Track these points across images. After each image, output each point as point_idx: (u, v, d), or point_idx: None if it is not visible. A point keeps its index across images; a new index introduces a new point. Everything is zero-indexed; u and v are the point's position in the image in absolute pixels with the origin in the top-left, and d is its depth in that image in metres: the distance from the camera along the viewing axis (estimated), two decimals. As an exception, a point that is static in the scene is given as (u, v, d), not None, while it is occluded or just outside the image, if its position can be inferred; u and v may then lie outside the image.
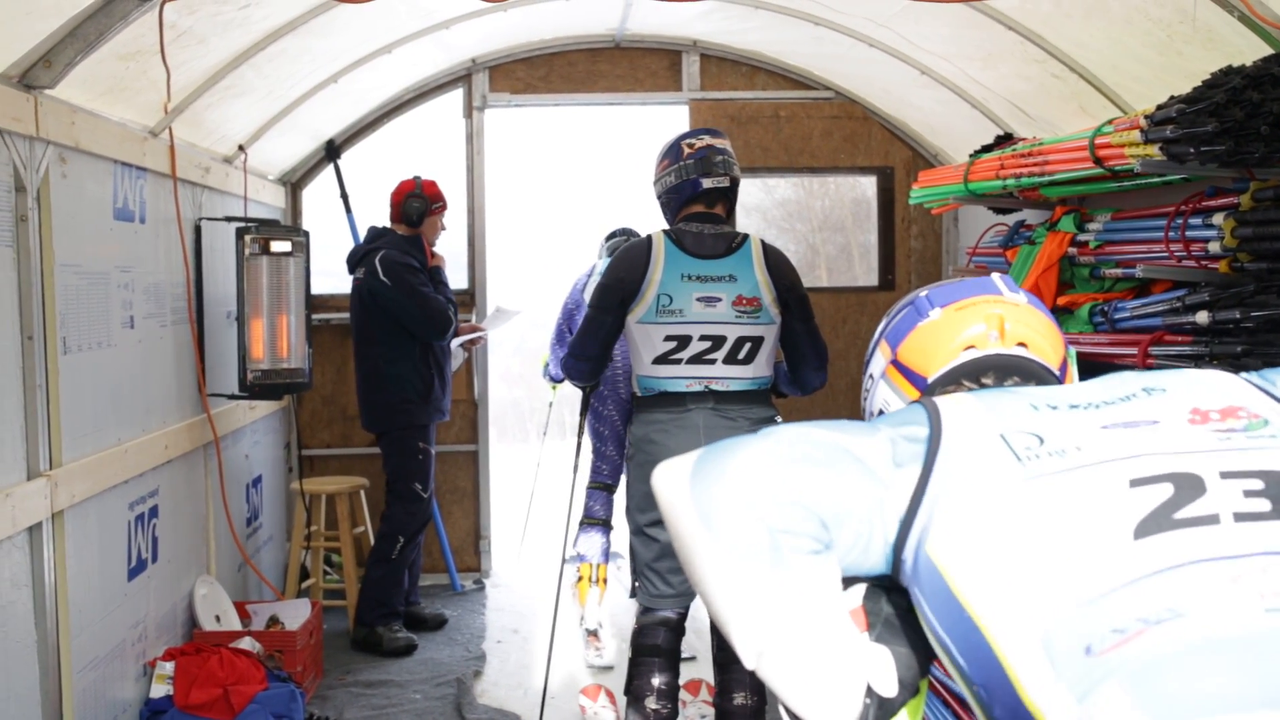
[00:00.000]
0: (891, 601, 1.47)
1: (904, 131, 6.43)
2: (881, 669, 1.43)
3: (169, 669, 3.96)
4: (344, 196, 6.21)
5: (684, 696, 4.57)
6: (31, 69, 3.19)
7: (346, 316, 5.56)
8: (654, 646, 3.70)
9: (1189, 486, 1.30)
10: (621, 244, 5.02)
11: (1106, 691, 1.15)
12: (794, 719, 1.38)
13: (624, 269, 3.66)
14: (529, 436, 8.12)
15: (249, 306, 4.80)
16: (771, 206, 8.26)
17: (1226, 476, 1.30)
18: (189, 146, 4.55)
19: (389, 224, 5.48)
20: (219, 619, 4.61)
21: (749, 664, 1.35)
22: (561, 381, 5.28)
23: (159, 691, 3.93)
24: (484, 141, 6.47)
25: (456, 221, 6.04)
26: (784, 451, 1.40)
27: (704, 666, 4.56)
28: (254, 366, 4.83)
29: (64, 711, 3.32)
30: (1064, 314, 3.96)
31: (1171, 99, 3.15)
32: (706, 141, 3.73)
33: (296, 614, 4.83)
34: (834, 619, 1.36)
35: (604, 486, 5.29)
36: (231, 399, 4.91)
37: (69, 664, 3.36)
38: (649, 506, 3.62)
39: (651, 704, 3.66)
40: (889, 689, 1.42)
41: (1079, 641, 1.20)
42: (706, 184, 3.67)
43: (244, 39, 4.18)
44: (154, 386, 4.18)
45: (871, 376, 1.79)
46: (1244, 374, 1.49)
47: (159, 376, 4.23)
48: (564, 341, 5.34)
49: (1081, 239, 4.00)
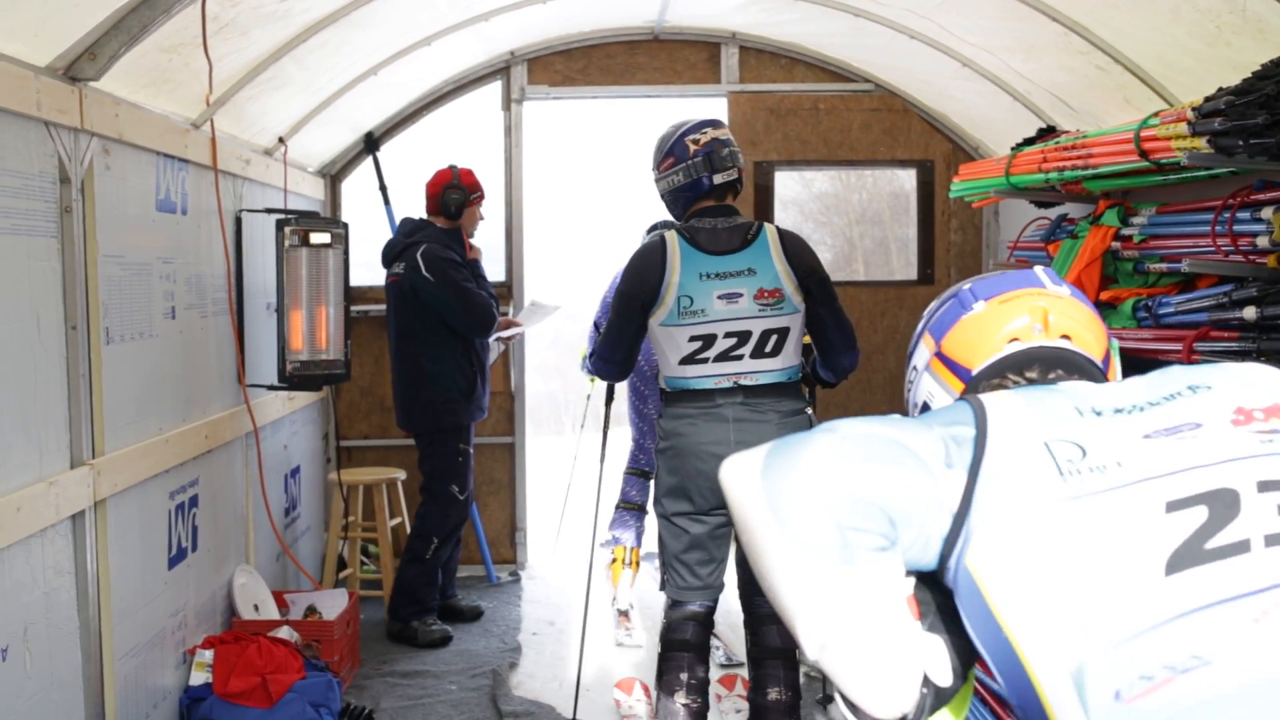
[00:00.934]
0: (940, 592, 1.47)
1: (944, 124, 6.37)
2: (937, 658, 1.45)
3: (208, 657, 4.00)
4: (383, 189, 6.24)
5: (719, 691, 4.59)
6: (76, 61, 3.22)
7: (384, 308, 5.53)
8: (683, 641, 3.71)
9: (1223, 507, 1.30)
10: None
11: None
12: (851, 708, 1.40)
13: (641, 274, 3.64)
14: (564, 429, 8.14)
15: (288, 298, 4.82)
16: (809, 200, 8.21)
17: (1264, 488, 1.31)
18: (230, 138, 4.58)
19: (425, 216, 5.44)
20: (257, 608, 4.65)
21: (811, 655, 1.37)
22: None
23: (198, 679, 3.97)
24: (522, 134, 6.47)
25: (494, 214, 6.04)
26: (850, 447, 1.41)
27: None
28: (293, 357, 4.85)
29: (105, 698, 3.36)
30: (1107, 309, 3.91)
31: (1220, 91, 3.10)
32: (710, 135, 3.71)
33: (334, 604, 4.86)
34: (897, 612, 1.37)
35: (641, 473, 5.47)
36: (270, 390, 4.94)
37: (110, 651, 3.39)
38: (678, 497, 3.65)
39: (682, 698, 3.67)
40: (945, 678, 1.44)
41: (1109, 685, 1.21)
42: (718, 180, 3.67)
43: (285, 31, 4.20)
44: (195, 377, 4.21)
45: (915, 369, 1.79)
46: None
47: (199, 367, 4.27)
48: None
49: (1125, 233, 3.94)
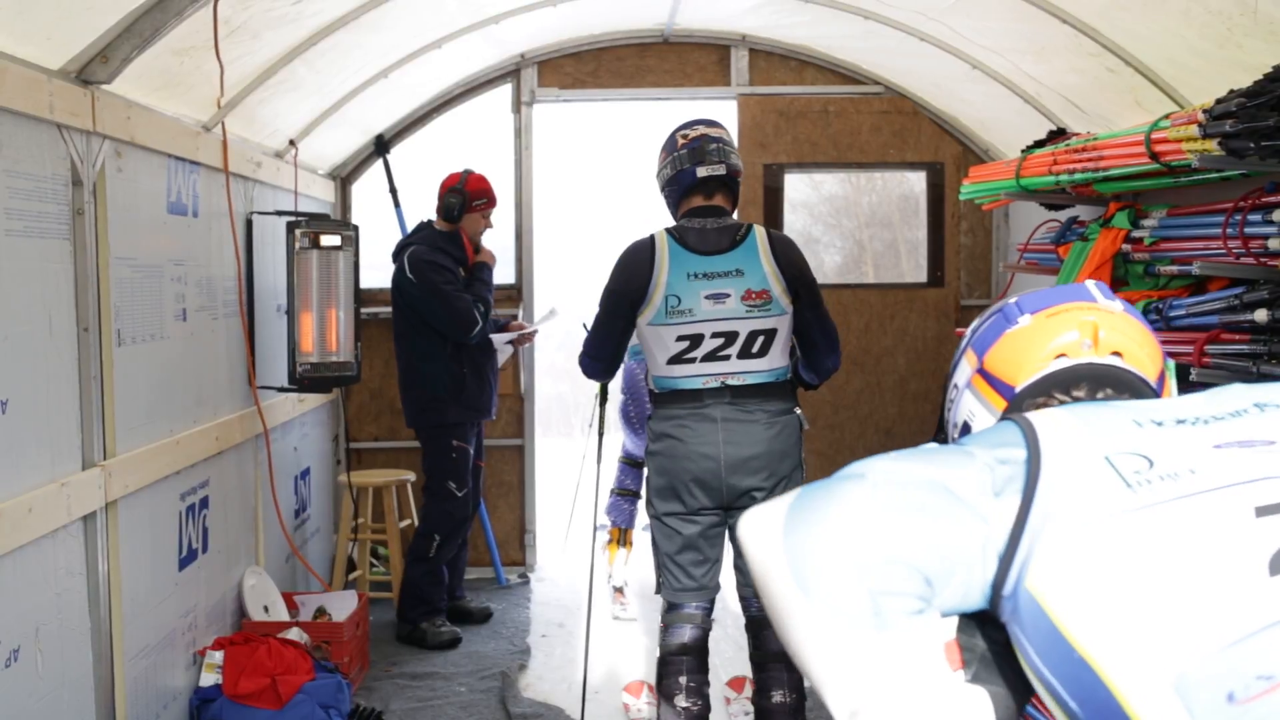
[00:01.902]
0: (986, 635, 1.38)
1: (954, 127, 6.37)
2: (979, 713, 1.35)
3: (218, 658, 4.01)
4: (393, 191, 6.25)
5: (728, 694, 4.63)
6: (89, 64, 3.23)
7: (394, 315, 5.57)
8: (681, 645, 3.70)
9: None
10: None
11: None
12: None
13: (629, 272, 3.64)
14: (574, 431, 8.15)
15: (299, 300, 4.84)
16: (819, 202, 8.21)
17: None
18: (241, 141, 4.59)
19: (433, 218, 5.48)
20: (267, 609, 4.66)
21: None
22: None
23: (208, 680, 3.98)
24: (532, 136, 6.48)
25: (504, 217, 6.05)
26: (882, 499, 1.31)
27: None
28: (303, 359, 4.87)
29: (116, 698, 3.37)
30: (1118, 312, 3.89)
31: (1231, 93, 3.09)
32: (701, 131, 3.70)
33: (343, 605, 4.87)
34: (934, 677, 1.29)
35: (636, 463, 5.82)
36: (281, 391, 4.96)
37: (121, 652, 3.40)
38: (668, 498, 3.64)
39: (681, 702, 3.66)
40: None
41: (1220, 688, 1.13)
42: (701, 172, 3.63)
43: (296, 34, 4.21)
44: (205, 378, 4.23)
45: (956, 386, 1.69)
46: None
47: (210, 369, 4.28)
48: None
49: (1136, 235, 3.93)
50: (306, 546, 5.59)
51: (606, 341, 3.76)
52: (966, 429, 1.65)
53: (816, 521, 1.31)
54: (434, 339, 5.30)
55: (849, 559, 1.27)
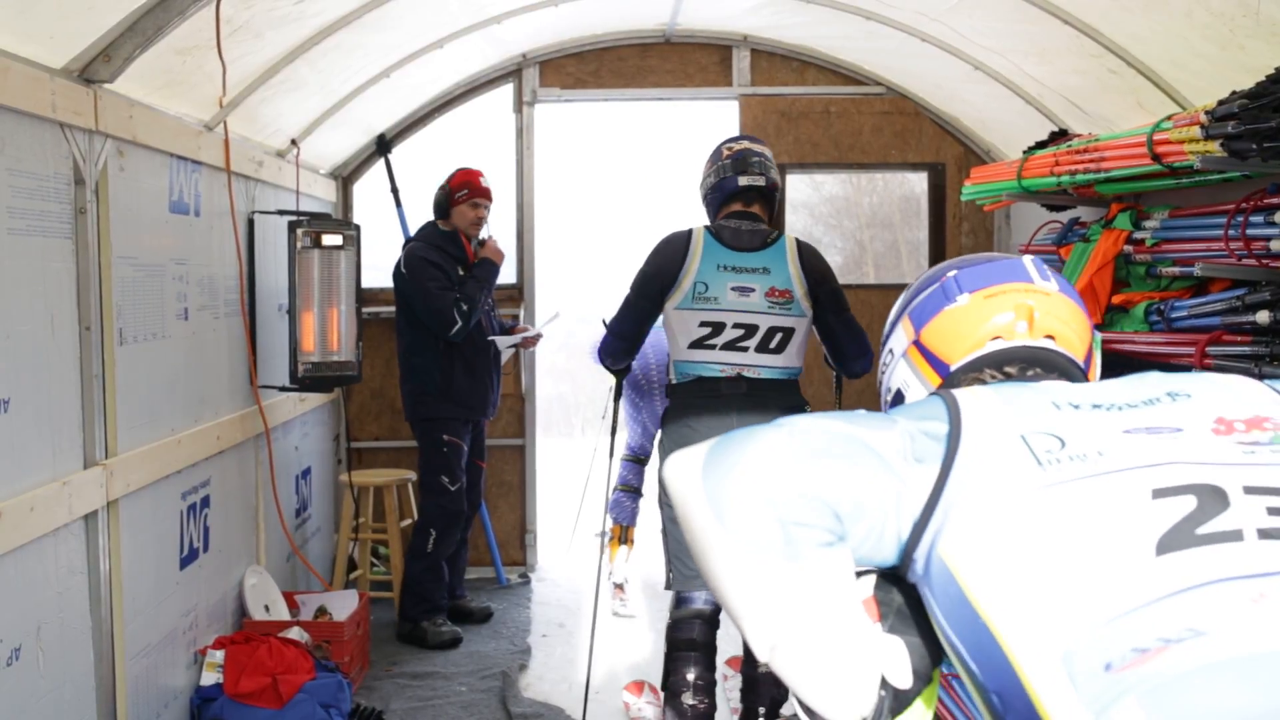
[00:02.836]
0: (903, 591, 1.44)
1: (955, 127, 6.37)
2: (896, 660, 1.41)
3: (219, 657, 4.01)
4: (394, 191, 6.25)
5: (726, 671, 4.68)
6: (91, 63, 3.23)
7: (395, 310, 5.61)
8: (689, 641, 3.78)
9: (1212, 499, 1.27)
10: None
11: (1124, 708, 1.14)
12: (809, 713, 1.36)
13: (664, 258, 3.85)
14: (575, 431, 8.16)
15: (300, 299, 4.84)
16: (819, 203, 8.21)
17: (1250, 492, 1.28)
18: (243, 140, 4.59)
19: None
20: (268, 609, 4.66)
21: (762, 657, 1.34)
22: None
23: (209, 679, 3.98)
24: (534, 137, 6.48)
25: (505, 217, 6.06)
26: (797, 443, 1.37)
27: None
28: (304, 359, 4.87)
29: (117, 697, 3.37)
30: (1119, 313, 3.90)
31: (1233, 94, 3.09)
32: (744, 145, 3.96)
33: (344, 605, 4.87)
34: (848, 611, 1.34)
35: (639, 460, 5.94)
36: (282, 391, 4.96)
37: (122, 650, 3.40)
38: None
39: (688, 699, 3.73)
40: (904, 680, 1.40)
41: (1099, 658, 1.18)
42: (743, 181, 3.85)
43: (298, 34, 4.22)
44: (207, 378, 4.23)
45: (891, 352, 1.75)
46: (1269, 382, 1.46)
47: (212, 368, 4.28)
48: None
49: (1138, 236, 3.93)
50: (307, 546, 5.59)
51: (631, 320, 3.92)
52: (900, 398, 1.71)
53: (735, 459, 1.36)
54: (426, 334, 5.33)
55: (761, 491, 1.32)
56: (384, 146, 6.31)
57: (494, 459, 6.41)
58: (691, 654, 3.77)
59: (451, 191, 5.40)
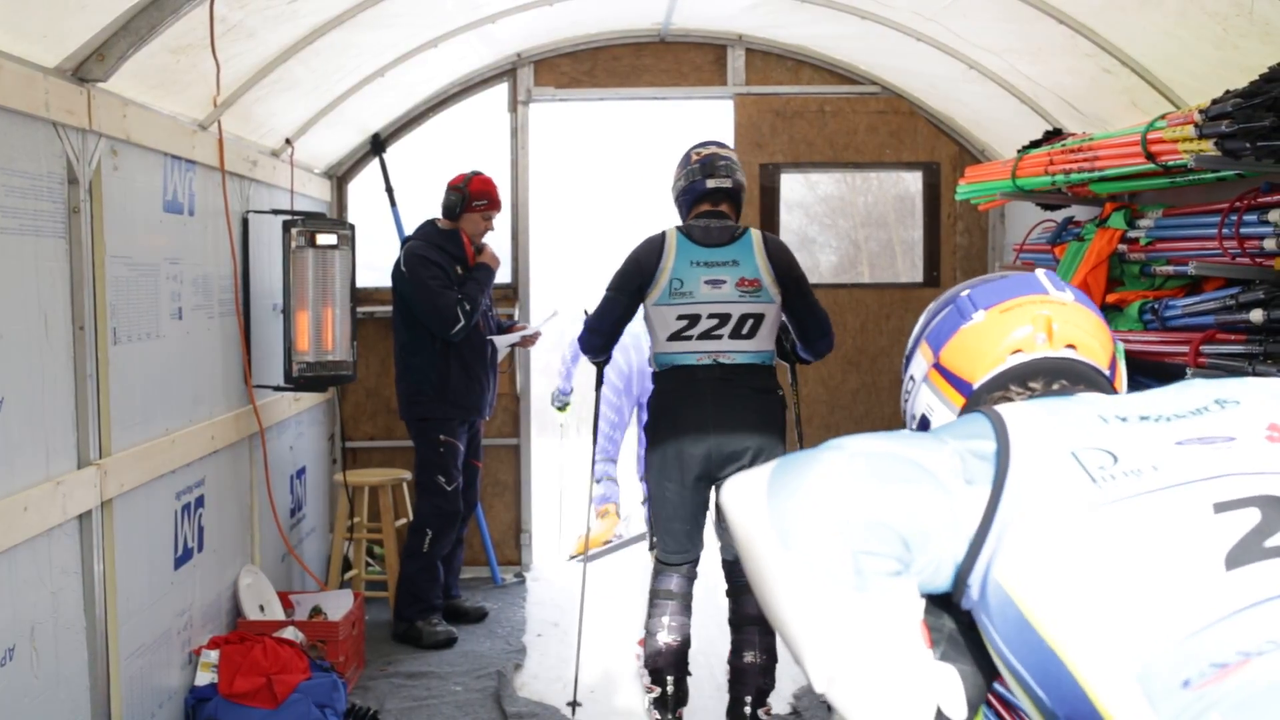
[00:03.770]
0: (953, 617, 1.41)
1: (950, 127, 6.37)
2: (951, 691, 1.38)
3: (213, 657, 4.00)
4: (389, 190, 6.24)
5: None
6: (85, 62, 3.23)
7: (390, 310, 5.61)
8: (668, 591, 4.17)
9: (1276, 510, 1.25)
10: None
11: None
12: None
13: (641, 257, 4.17)
14: (569, 431, 8.17)
15: (294, 299, 4.83)
16: (814, 202, 8.20)
17: None
18: (237, 140, 4.59)
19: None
20: (263, 608, 4.65)
21: (819, 688, 1.30)
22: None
23: (204, 679, 3.97)
24: (528, 136, 6.47)
25: (501, 216, 6.04)
26: (862, 466, 1.34)
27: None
28: (299, 359, 4.86)
29: (111, 698, 3.36)
30: (1113, 312, 3.90)
31: (1227, 93, 3.09)
32: (712, 150, 4.25)
33: (339, 605, 4.86)
34: (910, 643, 1.31)
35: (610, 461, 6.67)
36: (277, 391, 4.95)
37: (116, 651, 3.40)
38: (663, 469, 4.12)
39: (664, 637, 4.12)
40: (959, 712, 1.37)
41: (1177, 676, 1.16)
42: (710, 184, 4.17)
43: (292, 33, 4.21)
44: (201, 377, 4.22)
45: (913, 379, 1.72)
46: None
47: (206, 367, 4.28)
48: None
49: (1132, 235, 3.94)
50: (302, 546, 5.59)
51: (609, 317, 4.22)
52: (925, 423, 1.68)
53: (799, 484, 1.33)
54: (423, 333, 5.32)
55: (831, 519, 1.29)
56: (378, 146, 6.30)
57: (489, 459, 6.40)
58: (669, 602, 4.14)
59: (470, 198, 5.37)
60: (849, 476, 1.33)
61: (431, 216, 5.52)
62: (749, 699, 4.15)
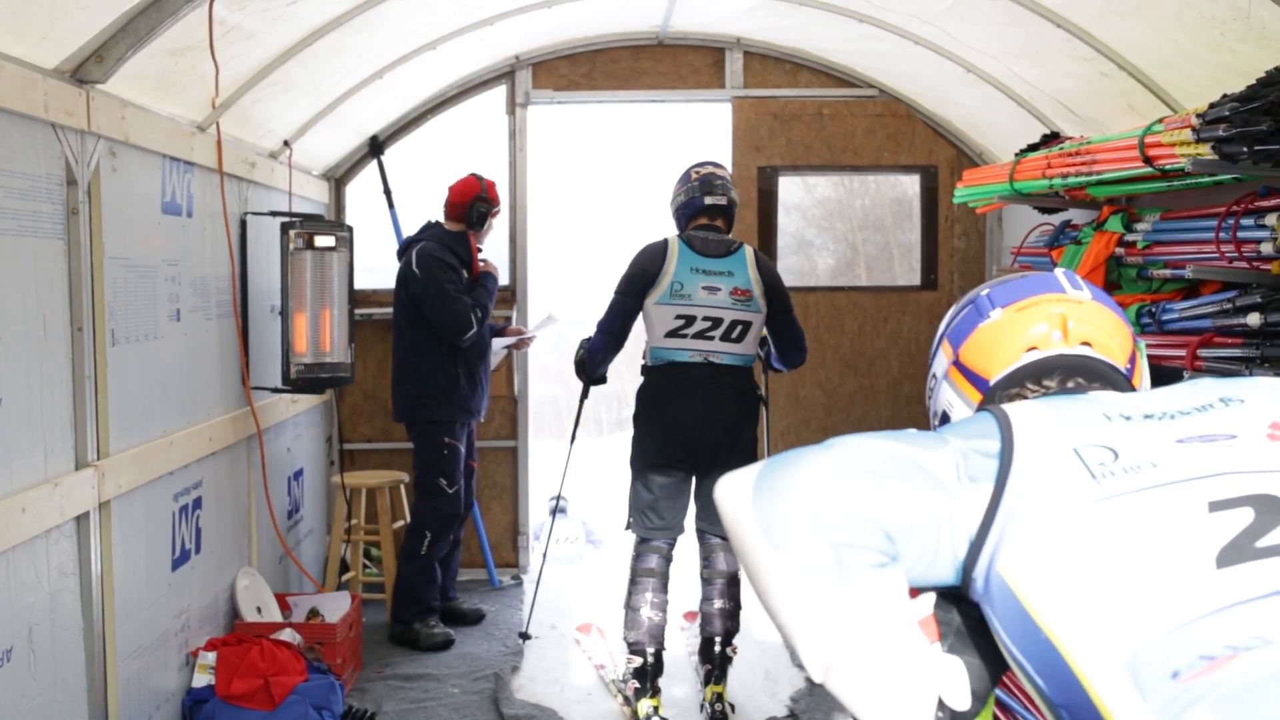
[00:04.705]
0: (963, 612, 1.44)
1: (948, 130, 6.38)
2: (954, 681, 1.41)
3: (211, 659, 4.00)
4: (387, 192, 6.25)
5: (683, 624, 5.39)
6: (84, 64, 3.23)
7: (389, 312, 5.61)
8: (649, 569, 4.51)
9: (1270, 510, 1.28)
10: None
11: (1196, 715, 1.14)
12: None
13: (645, 261, 4.53)
14: (565, 433, 8.17)
15: (292, 301, 4.83)
16: (812, 205, 8.21)
17: None
18: (235, 142, 4.59)
19: (441, 219, 5.48)
20: (260, 610, 4.65)
21: (817, 678, 1.34)
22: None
23: (201, 681, 3.97)
24: (527, 139, 6.47)
25: (499, 219, 6.05)
26: (848, 464, 1.38)
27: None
28: (297, 360, 4.86)
29: (109, 699, 3.36)
30: (1111, 315, 3.90)
31: (1224, 97, 3.10)
32: (710, 170, 4.64)
33: (336, 606, 4.86)
34: (902, 631, 1.34)
35: None
36: (274, 392, 4.95)
37: (114, 652, 3.40)
38: (650, 455, 4.48)
39: (646, 612, 4.45)
40: (962, 703, 1.40)
41: (1165, 667, 1.19)
42: (708, 201, 4.57)
43: (291, 35, 4.21)
44: (199, 379, 4.22)
45: (935, 377, 1.76)
46: None
47: (204, 369, 4.28)
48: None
49: (1129, 239, 3.95)
50: (299, 547, 5.58)
51: (618, 317, 4.58)
52: (945, 419, 1.72)
53: (784, 483, 1.37)
54: (432, 336, 5.31)
55: (811, 513, 1.33)
56: (376, 148, 6.30)
57: (486, 461, 6.40)
58: (650, 580, 4.48)
59: (493, 207, 5.44)
60: (834, 473, 1.37)
61: (433, 218, 5.51)
62: (718, 638, 4.50)
